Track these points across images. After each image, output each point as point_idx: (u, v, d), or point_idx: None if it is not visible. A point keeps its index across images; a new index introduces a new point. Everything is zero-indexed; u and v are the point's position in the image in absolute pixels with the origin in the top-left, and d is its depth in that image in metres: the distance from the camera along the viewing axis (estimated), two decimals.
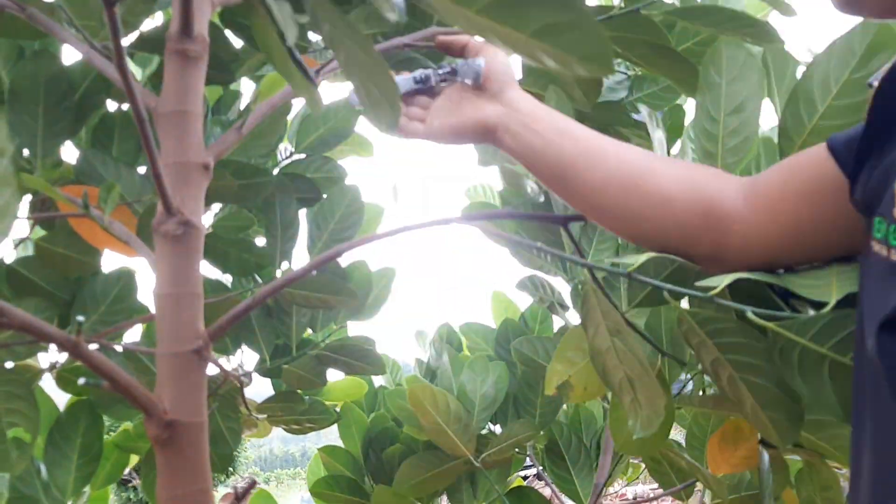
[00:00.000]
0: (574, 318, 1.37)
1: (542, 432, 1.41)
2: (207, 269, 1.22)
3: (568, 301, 1.36)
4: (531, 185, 1.15)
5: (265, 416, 1.31)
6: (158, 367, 0.73)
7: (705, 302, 0.64)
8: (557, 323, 1.53)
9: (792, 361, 0.60)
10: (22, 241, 1.17)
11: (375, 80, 0.41)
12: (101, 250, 1.12)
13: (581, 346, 0.83)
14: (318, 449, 1.50)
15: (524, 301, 1.90)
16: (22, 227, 1.14)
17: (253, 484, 0.71)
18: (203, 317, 0.75)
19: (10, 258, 1.15)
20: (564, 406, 1.50)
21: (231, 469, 9.31)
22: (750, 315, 0.61)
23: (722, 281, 0.61)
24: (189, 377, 0.72)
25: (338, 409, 1.48)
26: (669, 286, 0.68)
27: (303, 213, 1.27)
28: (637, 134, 1.21)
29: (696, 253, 0.67)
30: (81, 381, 0.84)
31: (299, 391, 1.33)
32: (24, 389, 0.99)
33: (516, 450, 1.37)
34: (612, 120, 1.20)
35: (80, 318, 0.62)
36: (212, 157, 0.78)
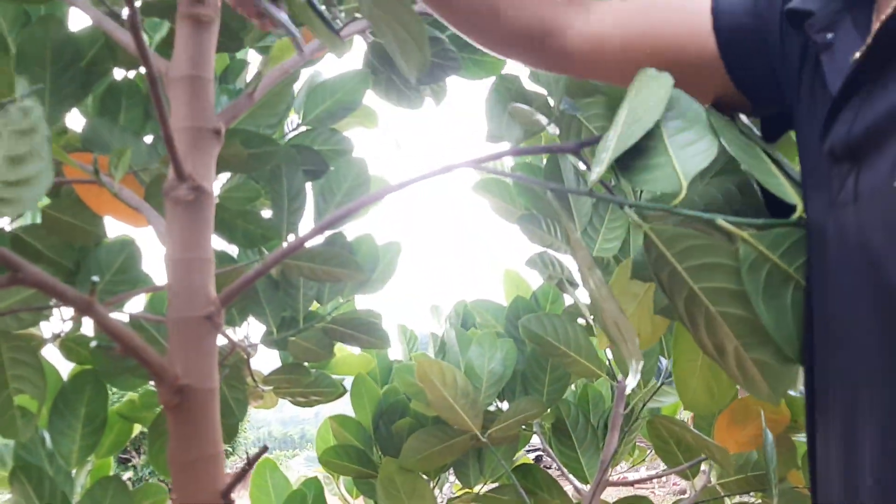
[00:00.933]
0: (583, 296, 1.36)
1: (548, 410, 1.41)
2: (214, 241, 1.22)
3: (577, 279, 1.36)
4: (544, 120, 1.13)
5: (271, 387, 1.31)
6: (170, 332, 0.72)
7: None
8: (568, 302, 1.53)
9: (758, 283, 0.54)
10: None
11: (403, 21, 0.39)
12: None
13: (630, 290, 0.80)
14: (329, 417, 1.50)
15: (536, 280, 1.90)
16: None
17: (265, 449, 0.70)
18: (214, 283, 0.74)
19: (13, 225, 1.14)
20: (573, 385, 1.50)
21: (230, 449, 9.36)
22: (720, 221, 0.55)
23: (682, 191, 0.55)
24: (201, 343, 0.72)
25: (345, 383, 1.48)
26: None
27: (309, 187, 1.26)
28: None
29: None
30: (94, 343, 0.84)
31: (306, 364, 1.33)
32: (31, 356, 0.98)
33: (523, 427, 1.37)
34: None
35: (95, 278, 0.61)
36: (223, 124, 0.77)
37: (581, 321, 1.41)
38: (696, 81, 0.61)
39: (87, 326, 1.23)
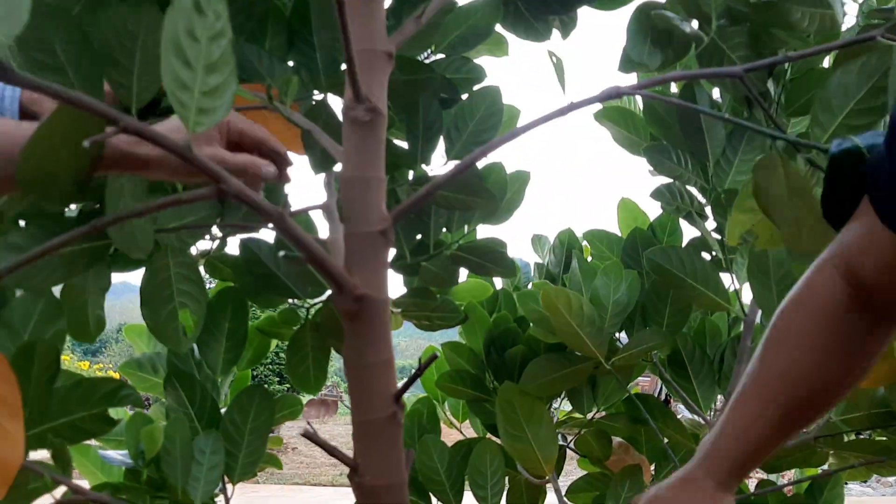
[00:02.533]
0: (712, 227, 1.35)
1: None
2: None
3: (707, 210, 1.35)
4: (689, 27, 1.11)
5: (400, 309, 1.36)
6: (347, 246, 0.76)
7: None
8: (688, 235, 1.52)
9: None
10: None
11: None
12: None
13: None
14: (442, 345, 1.56)
15: (653, 211, 1.88)
16: None
17: (434, 357, 0.75)
18: (385, 200, 0.78)
19: None
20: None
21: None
22: None
23: None
24: (376, 256, 0.76)
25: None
26: None
27: None
28: (795, 36, 1.16)
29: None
30: (282, 253, 0.90)
31: (432, 288, 1.37)
32: (194, 273, 1.05)
33: (641, 359, 1.39)
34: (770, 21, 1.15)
35: (287, 192, 0.66)
36: (394, 46, 0.79)
37: (706, 255, 1.40)
38: None
39: (232, 246, 1.31)
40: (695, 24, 1.18)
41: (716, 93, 1.36)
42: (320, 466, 8.78)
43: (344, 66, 1.13)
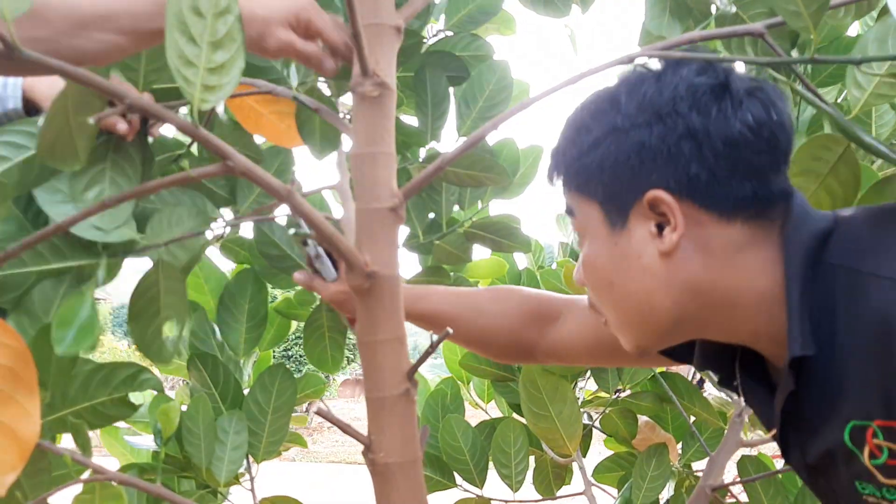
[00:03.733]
0: None
1: None
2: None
3: None
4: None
5: None
6: (357, 222, 0.76)
7: None
8: None
9: None
10: None
11: None
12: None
13: (820, 156, 0.78)
14: None
15: None
16: None
17: (447, 333, 0.75)
18: (396, 177, 0.77)
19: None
20: None
21: (350, 357, 9.84)
22: None
23: None
24: (386, 232, 0.75)
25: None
26: None
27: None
28: None
29: (513, 355, 1.02)
30: (292, 231, 0.90)
31: (445, 266, 1.37)
32: (180, 285, 0.97)
33: None
34: None
35: (294, 168, 0.65)
36: (402, 20, 0.78)
37: None
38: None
39: (246, 230, 1.31)
40: None
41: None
42: (354, 445, 8.87)
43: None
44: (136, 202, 0.84)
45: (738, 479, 1.35)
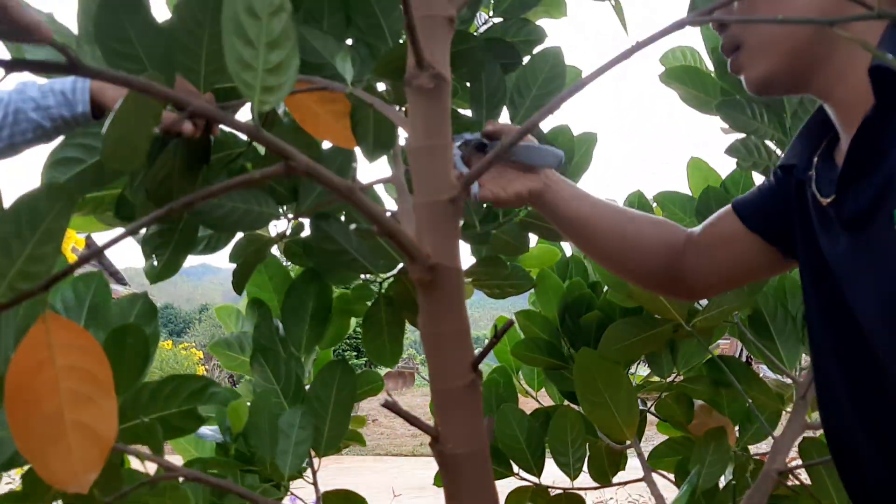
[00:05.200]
0: None
1: None
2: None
3: None
4: None
5: (470, 279, 1.36)
6: (417, 216, 0.76)
7: None
8: None
9: None
10: None
11: None
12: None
13: None
14: (515, 313, 1.55)
15: (724, 169, 1.82)
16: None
17: (511, 323, 0.75)
18: (454, 167, 0.77)
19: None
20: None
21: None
22: None
23: None
24: (446, 224, 0.75)
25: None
26: None
27: None
28: None
29: (660, 283, 0.99)
30: (353, 226, 0.90)
31: (501, 256, 1.36)
32: None
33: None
34: None
35: (354, 164, 0.66)
36: (455, 10, 0.78)
37: None
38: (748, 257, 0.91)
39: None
40: None
41: None
42: (400, 437, 8.95)
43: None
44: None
45: (804, 463, 1.32)
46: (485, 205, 1.28)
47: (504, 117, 1.25)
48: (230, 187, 0.67)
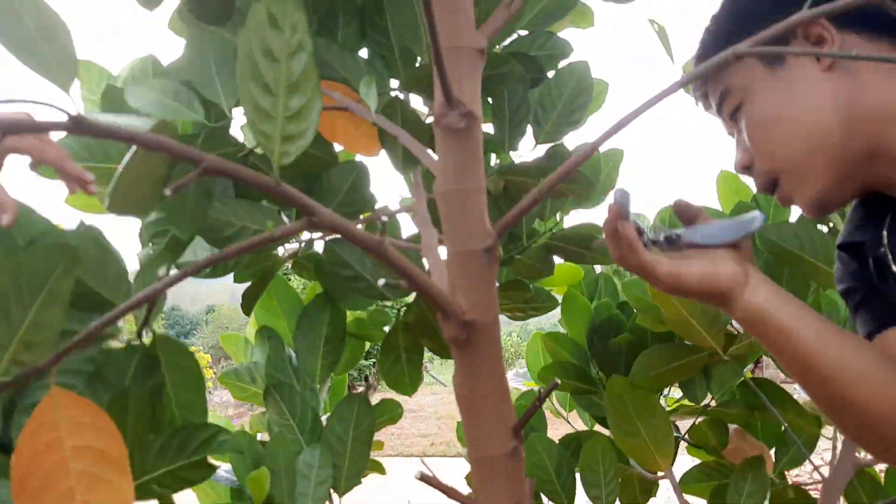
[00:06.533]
0: None
1: None
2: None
3: None
4: None
5: None
6: (450, 266, 0.70)
7: None
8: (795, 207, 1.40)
9: None
10: None
11: None
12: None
13: None
14: (542, 335, 1.49)
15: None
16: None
17: (556, 385, 0.69)
18: (487, 213, 0.71)
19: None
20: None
21: None
22: None
23: None
24: (482, 276, 0.69)
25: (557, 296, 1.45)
26: None
27: None
28: None
29: None
30: (381, 281, 0.84)
31: (524, 279, 1.30)
32: None
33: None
34: None
35: (384, 218, 0.59)
36: (485, 40, 0.71)
37: (822, 227, 1.28)
38: None
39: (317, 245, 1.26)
40: None
41: None
42: (410, 437, 8.91)
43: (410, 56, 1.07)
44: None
45: None
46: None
47: (528, 135, 1.19)
48: (252, 247, 0.61)
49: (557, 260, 1.38)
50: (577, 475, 1.37)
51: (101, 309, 0.77)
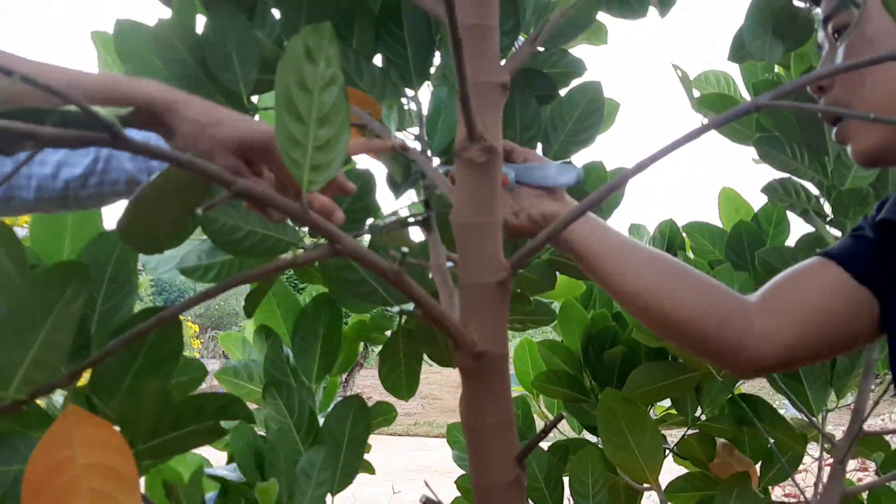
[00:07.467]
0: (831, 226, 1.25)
1: None
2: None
3: (827, 209, 1.25)
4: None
5: None
6: (462, 297, 0.71)
7: None
8: (795, 228, 1.42)
9: None
10: None
11: None
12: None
13: None
14: (538, 343, 1.51)
15: (756, 200, 1.77)
16: None
17: (560, 418, 0.71)
18: (502, 247, 0.72)
19: None
20: None
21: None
22: None
23: None
24: (494, 308, 0.70)
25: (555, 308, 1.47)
26: None
27: None
28: None
29: (708, 350, 0.83)
30: (395, 308, 0.86)
31: (526, 293, 1.32)
32: None
33: None
34: None
35: (397, 253, 0.61)
36: (508, 76, 0.72)
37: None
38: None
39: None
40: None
41: None
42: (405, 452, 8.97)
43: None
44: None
45: None
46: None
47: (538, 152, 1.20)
48: (279, 269, 0.62)
49: None
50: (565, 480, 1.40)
51: None
